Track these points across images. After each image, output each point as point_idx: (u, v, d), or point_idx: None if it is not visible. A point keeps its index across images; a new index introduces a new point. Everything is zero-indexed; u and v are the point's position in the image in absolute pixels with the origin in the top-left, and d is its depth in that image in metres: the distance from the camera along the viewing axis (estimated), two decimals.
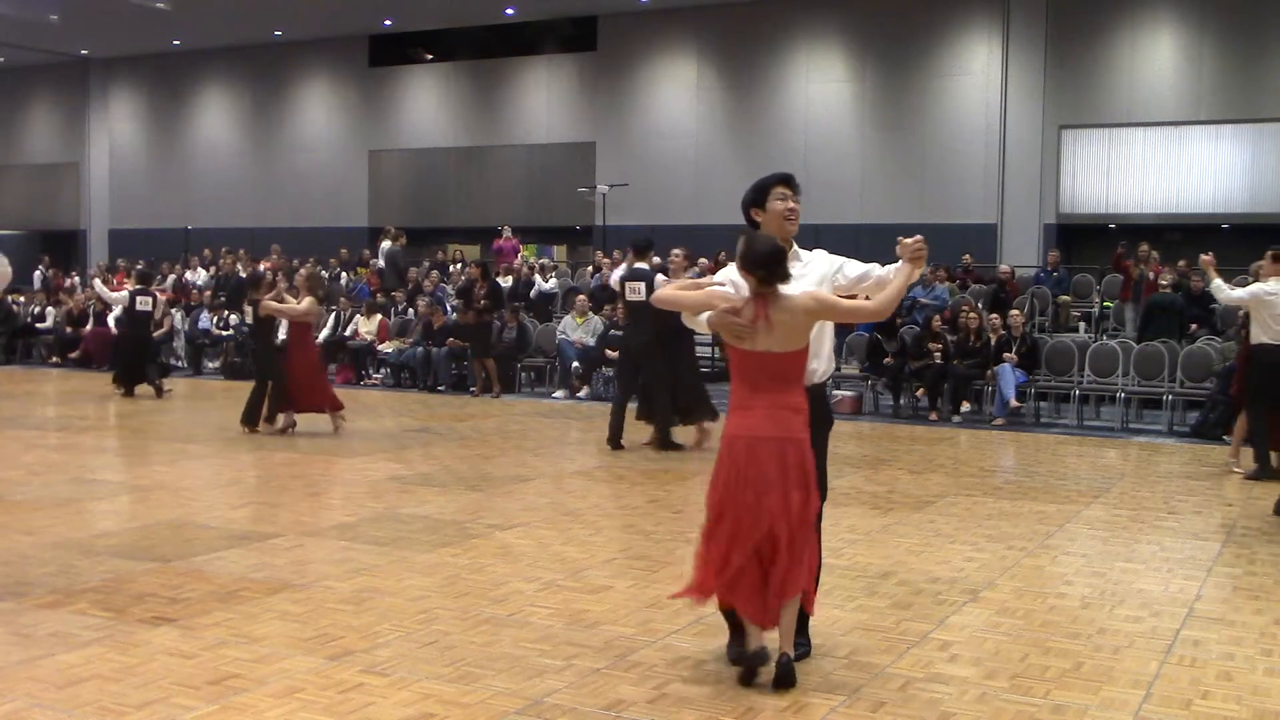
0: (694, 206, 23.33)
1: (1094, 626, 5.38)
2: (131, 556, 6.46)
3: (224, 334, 19.07)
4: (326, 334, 17.96)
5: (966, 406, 13.71)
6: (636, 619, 5.39)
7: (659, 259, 12.09)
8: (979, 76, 21.36)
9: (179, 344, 19.93)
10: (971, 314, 14.25)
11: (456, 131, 26.42)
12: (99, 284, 18.32)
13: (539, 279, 19.48)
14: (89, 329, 19.85)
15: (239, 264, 22.43)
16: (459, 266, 21.64)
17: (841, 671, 4.69)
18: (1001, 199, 21.16)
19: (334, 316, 18.15)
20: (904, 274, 4.57)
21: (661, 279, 10.87)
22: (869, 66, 22.30)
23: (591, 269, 20.31)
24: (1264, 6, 19.48)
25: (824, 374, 4.81)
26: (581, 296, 16.76)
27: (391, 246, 21.38)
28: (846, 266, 4.81)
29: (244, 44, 27.81)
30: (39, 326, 21.36)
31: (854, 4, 22.39)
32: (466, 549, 6.75)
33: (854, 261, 4.86)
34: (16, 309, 21.75)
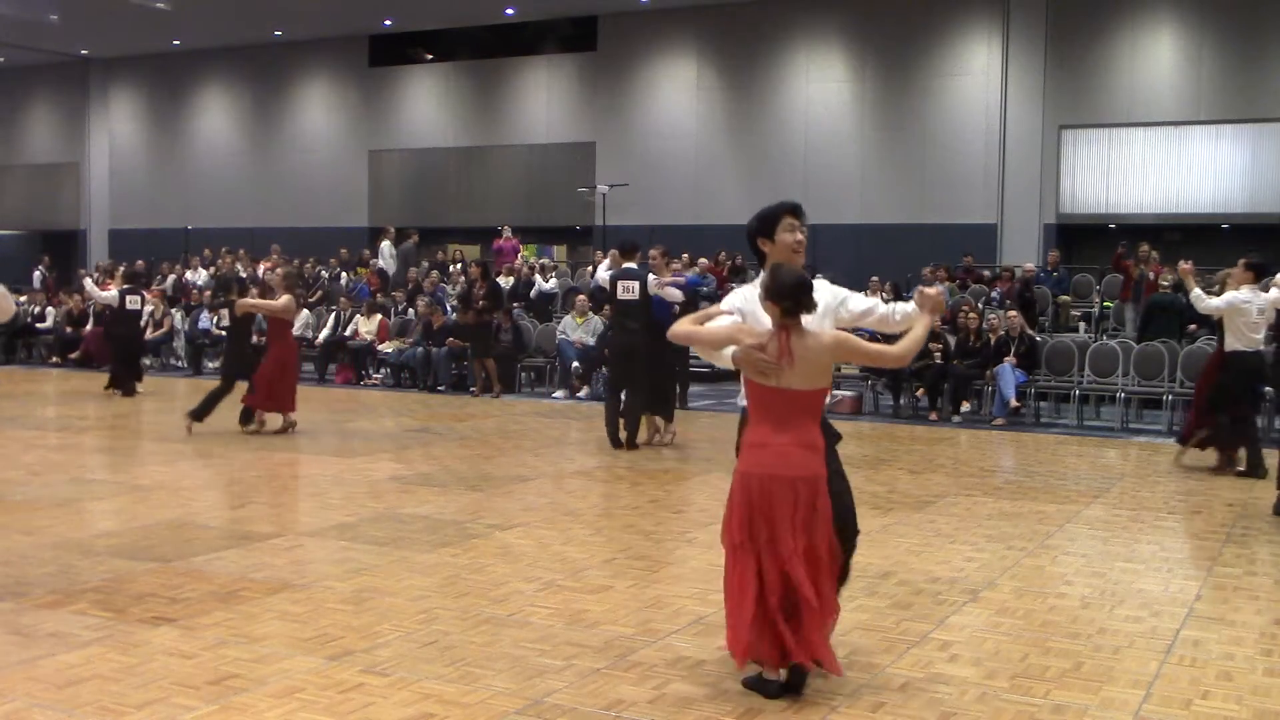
0: (694, 206, 23.35)
1: (1094, 626, 5.38)
2: (131, 556, 6.46)
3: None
4: (327, 334, 17.98)
5: (966, 406, 13.71)
6: (636, 619, 5.39)
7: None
8: (979, 76, 21.37)
9: (179, 344, 19.94)
10: (971, 314, 14.25)
11: (456, 131, 26.43)
12: (89, 284, 18.37)
13: (539, 279, 19.48)
14: (89, 329, 19.85)
15: (239, 264, 22.44)
16: (459, 266, 21.64)
17: (842, 669, 4.68)
18: (1001, 199, 21.17)
19: (334, 316, 18.16)
20: (924, 324, 4.49)
21: (654, 279, 11.13)
22: (869, 66, 22.31)
23: (591, 269, 20.33)
24: (1264, 6, 19.49)
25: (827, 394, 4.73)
26: (581, 296, 16.76)
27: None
28: (850, 300, 4.72)
29: (244, 44, 27.82)
30: (39, 326, 21.36)
31: (854, 4, 22.39)
32: (466, 549, 6.75)
33: (857, 295, 4.80)
34: (16, 309, 21.75)
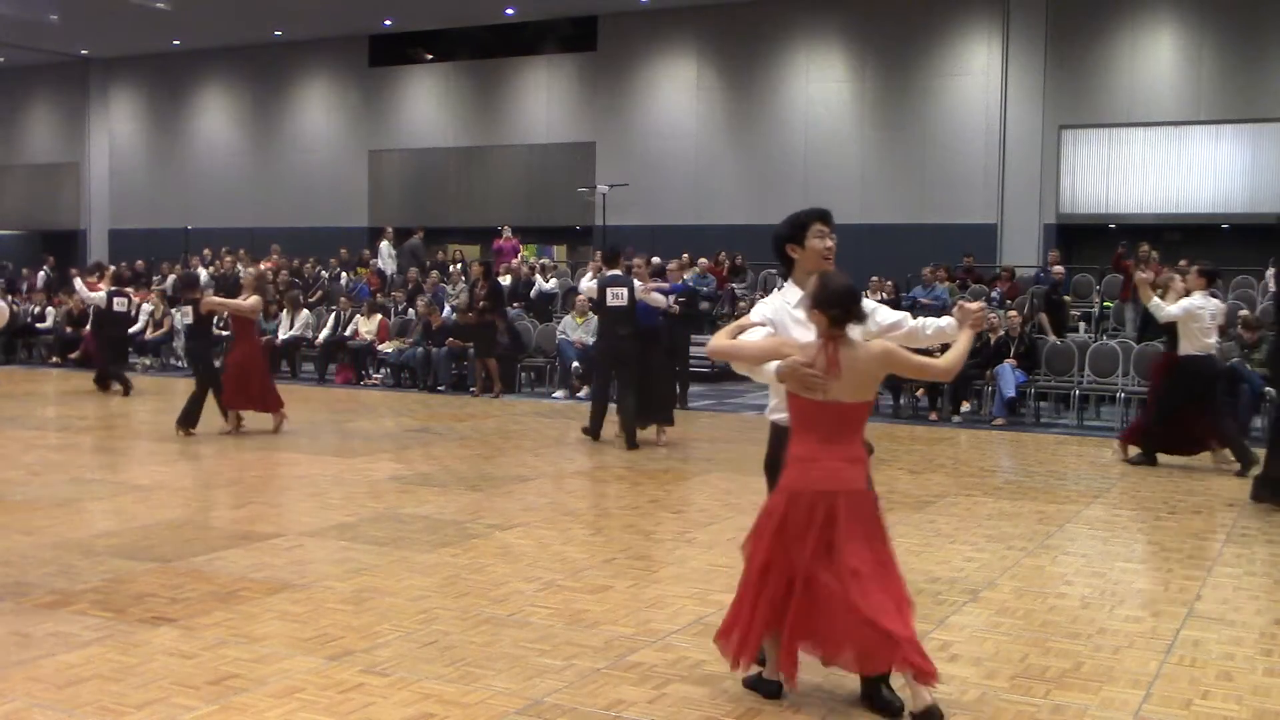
0: (694, 206, 23.35)
1: (1094, 626, 5.38)
2: (131, 556, 6.46)
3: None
4: (327, 334, 17.98)
5: (966, 406, 13.71)
6: (636, 619, 5.39)
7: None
8: (979, 76, 21.36)
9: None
10: None
11: (456, 131, 26.43)
12: (78, 283, 18.42)
13: (539, 279, 19.47)
14: (89, 329, 19.83)
15: (239, 264, 22.43)
16: (458, 266, 21.64)
17: (842, 671, 4.68)
18: (1001, 199, 21.16)
19: (334, 316, 18.16)
20: (967, 338, 4.44)
21: (639, 285, 11.37)
22: (869, 66, 22.30)
23: (588, 274, 20.30)
24: (1264, 6, 19.48)
25: None
26: (581, 297, 16.75)
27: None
28: (879, 313, 4.66)
29: (244, 44, 27.81)
30: (39, 326, 21.36)
31: (854, 4, 22.39)
32: (466, 549, 6.75)
33: (885, 308, 4.77)
34: (16, 309, 21.75)
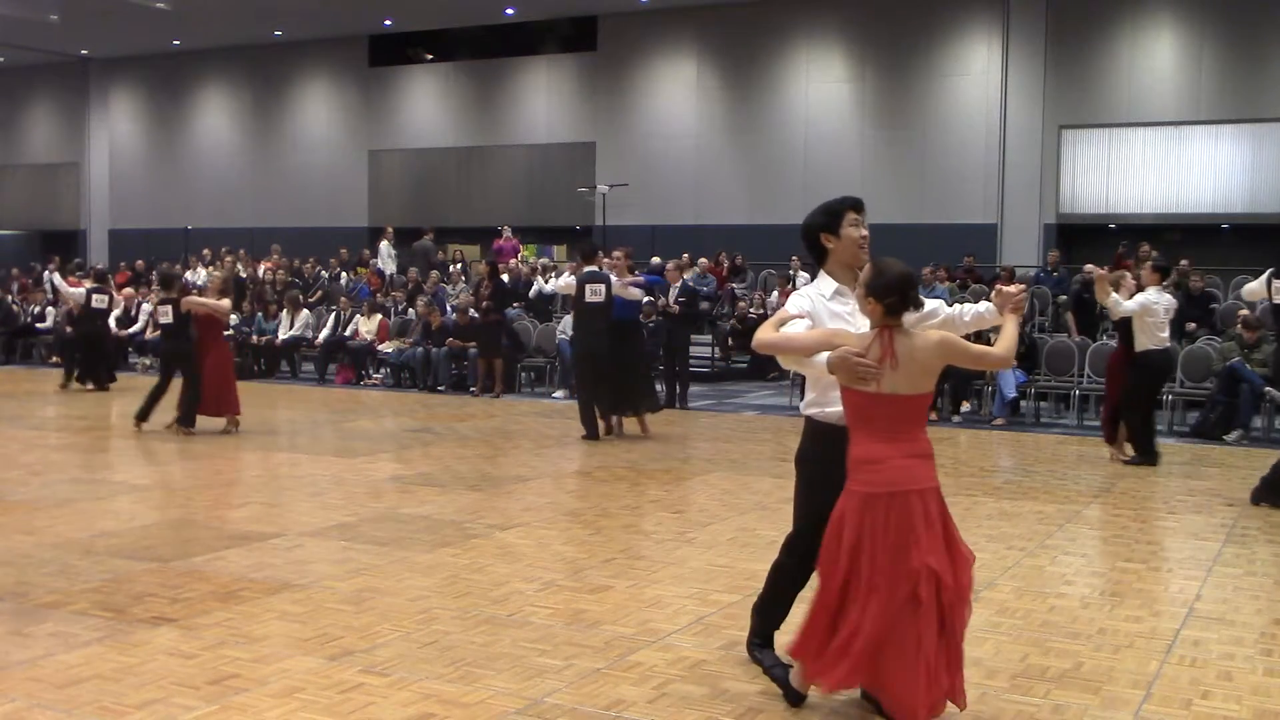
0: (694, 206, 23.36)
1: (1094, 626, 5.38)
2: (131, 556, 6.46)
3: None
4: (326, 334, 17.98)
5: (966, 406, 13.71)
6: (636, 619, 5.39)
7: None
8: (979, 76, 21.37)
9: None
10: None
11: (456, 131, 26.43)
12: (57, 278, 18.47)
13: (539, 280, 19.44)
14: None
15: (239, 264, 22.43)
16: (459, 266, 21.64)
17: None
18: (1001, 199, 21.17)
19: (334, 316, 18.16)
20: (1014, 323, 4.30)
21: (616, 281, 11.48)
22: (869, 66, 22.31)
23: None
24: (1264, 6, 19.49)
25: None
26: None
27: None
28: None
29: (244, 44, 27.82)
30: (39, 326, 21.35)
31: (854, 4, 22.39)
32: (466, 549, 6.75)
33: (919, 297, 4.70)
34: (16, 309, 21.75)
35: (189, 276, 22.70)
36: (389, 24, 26.09)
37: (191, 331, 11.90)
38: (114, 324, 18.64)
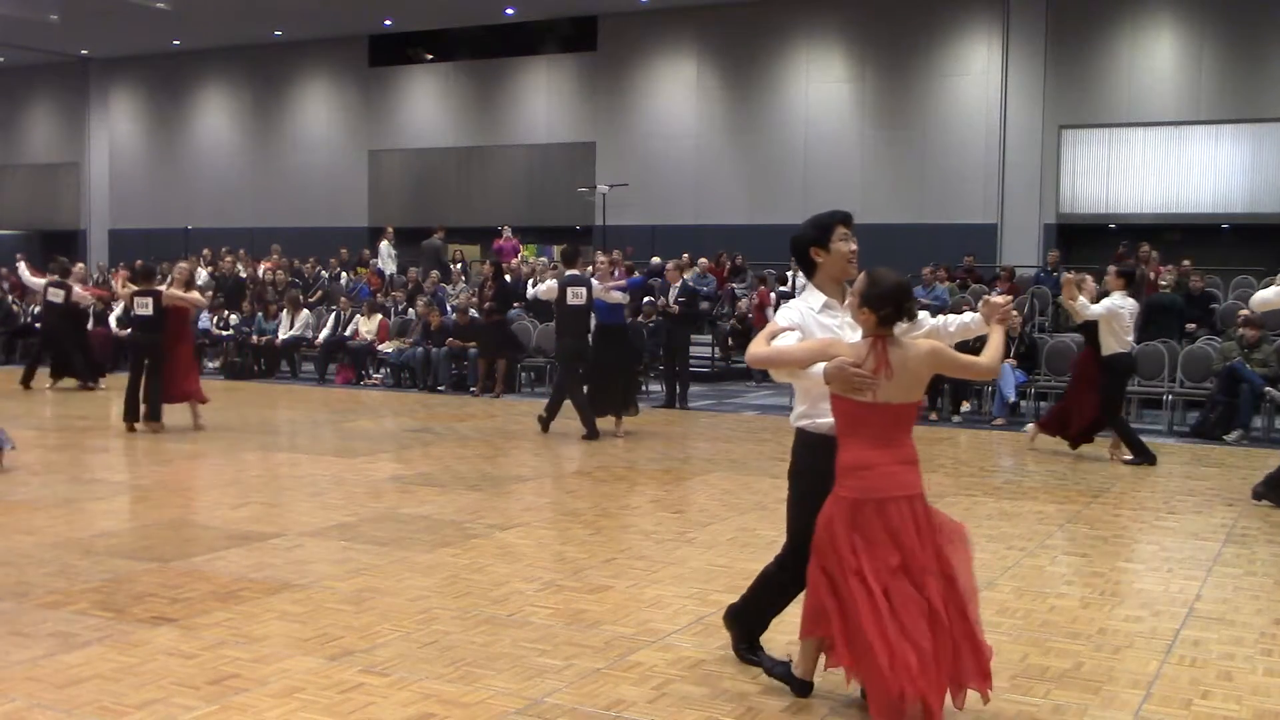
0: (694, 206, 23.36)
1: (1094, 626, 5.38)
2: (131, 556, 6.46)
3: (224, 334, 19.07)
4: (326, 334, 17.97)
5: (966, 406, 13.71)
6: (636, 619, 5.39)
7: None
8: (979, 76, 21.37)
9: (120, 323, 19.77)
10: None
11: (456, 131, 26.43)
12: (22, 267, 18.49)
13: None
14: (88, 329, 19.80)
15: (239, 264, 22.42)
16: (459, 266, 21.63)
17: (841, 672, 4.68)
18: (1001, 199, 21.17)
19: (334, 316, 18.16)
20: (999, 334, 4.38)
21: (598, 285, 11.61)
22: (869, 66, 22.31)
23: (590, 269, 20.25)
24: (1264, 6, 19.49)
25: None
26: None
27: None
28: None
29: (244, 44, 27.82)
30: (39, 326, 21.30)
31: (854, 4, 22.40)
32: (466, 549, 6.75)
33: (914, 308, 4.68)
34: (16, 309, 21.72)
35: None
36: (389, 24, 26.09)
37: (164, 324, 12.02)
38: (114, 324, 18.63)
